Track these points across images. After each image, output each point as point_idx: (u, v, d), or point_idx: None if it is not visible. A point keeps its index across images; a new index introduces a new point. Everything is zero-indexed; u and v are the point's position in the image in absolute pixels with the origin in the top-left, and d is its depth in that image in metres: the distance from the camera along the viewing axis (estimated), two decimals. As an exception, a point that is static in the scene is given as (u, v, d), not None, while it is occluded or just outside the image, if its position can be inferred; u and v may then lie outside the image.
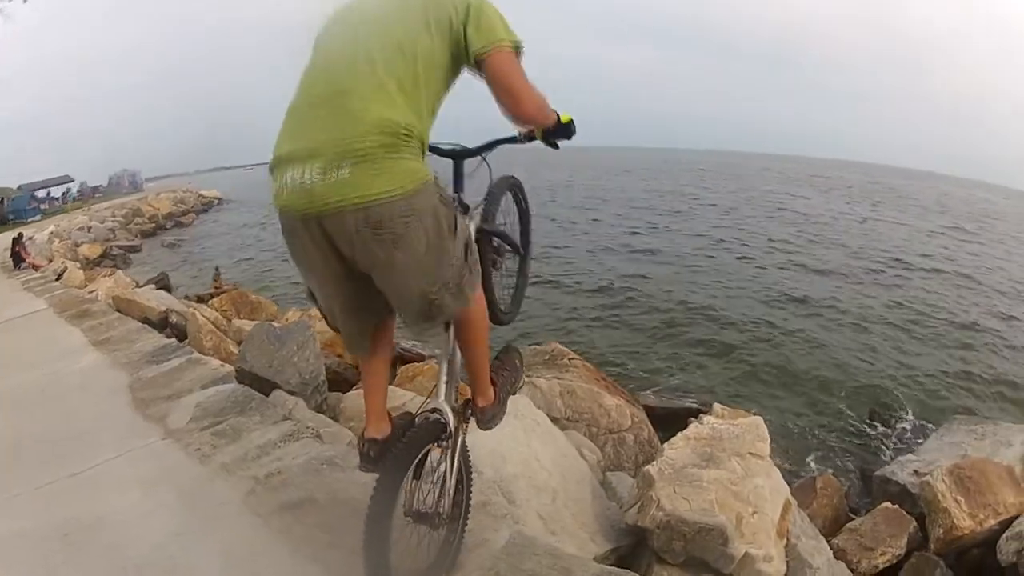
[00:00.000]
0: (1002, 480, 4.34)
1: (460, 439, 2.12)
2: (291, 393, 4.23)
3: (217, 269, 14.41)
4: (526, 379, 5.71)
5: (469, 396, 2.21)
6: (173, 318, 7.53)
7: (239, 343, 6.49)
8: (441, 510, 1.99)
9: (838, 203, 39.00)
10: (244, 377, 4.44)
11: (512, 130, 2.09)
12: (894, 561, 4.24)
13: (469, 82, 1.84)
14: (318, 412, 4.34)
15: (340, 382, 6.02)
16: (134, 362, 4.76)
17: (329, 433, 3.56)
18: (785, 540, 3.22)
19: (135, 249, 22.34)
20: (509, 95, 1.79)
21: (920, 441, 7.35)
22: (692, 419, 6.72)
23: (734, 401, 8.00)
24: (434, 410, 2.02)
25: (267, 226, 26.72)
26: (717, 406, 6.47)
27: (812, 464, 7.14)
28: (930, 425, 8.00)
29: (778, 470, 3.61)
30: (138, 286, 11.07)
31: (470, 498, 2.30)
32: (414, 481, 1.93)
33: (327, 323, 2.05)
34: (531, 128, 2.04)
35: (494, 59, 1.75)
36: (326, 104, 1.65)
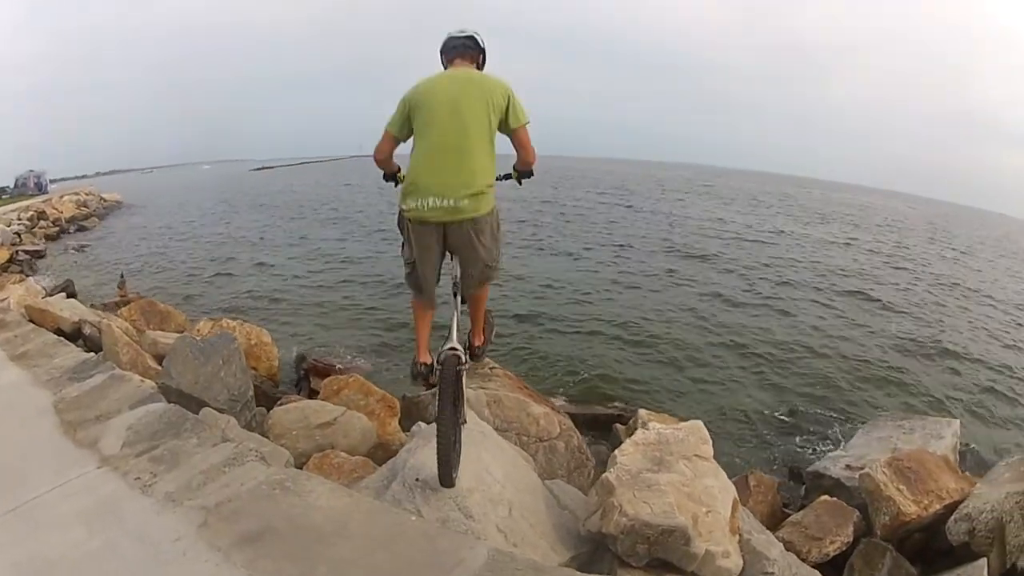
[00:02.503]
0: (940, 468, 4.54)
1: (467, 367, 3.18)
2: (220, 411, 4.01)
3: (122, 276, 13.66)
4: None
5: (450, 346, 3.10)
6: (87, 329, 7.07)
7: (155, 356, 6.15)
8: (462, 416, 3.14)
9: (733, 210, 40.05)
10: (170, 394, 4.19)
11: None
12: (843, 548, 4.34)
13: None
14: (250, 430, 4.12)
15: (259, 396, 5.71)
16: (56, 379, 4.40)
17: (267, 453, 3.36)
18: (738, 536, 3.28)
19: (40, 254, 20.86)
20: (528, 153, 3.19)
21: (844, 437, 7.62)
22: (617, 424, 6.68)
23: (653, 405, 8.02)
24: (452, 349, 3.02)
25: (171, 234, 25.94)
26: (643, 411, 6.44)
27: (739, 463, 7.14)
28: (851, 421, 8.30)
29: (723, 470, 3.66)
30: (48, 294, 10.38)
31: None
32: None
33: (412, 284, 3.23)
34: (519, 171, 3.34)
35: (522, 132, 3.09)
36: (452, 157, 2.90)
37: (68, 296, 10.95)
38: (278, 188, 53.83)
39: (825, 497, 4.94)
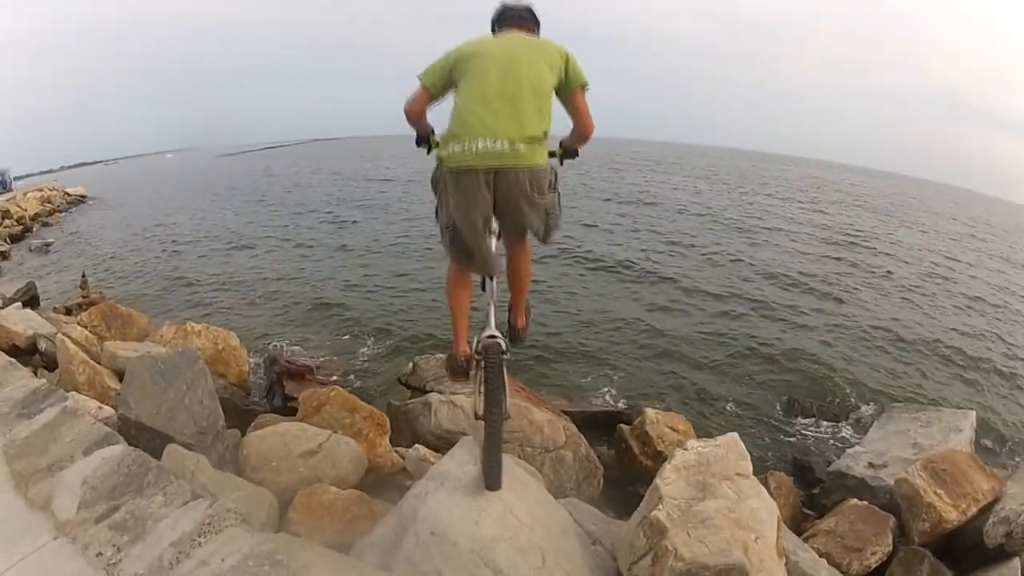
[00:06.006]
0: (972, 468, 4.49)
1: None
2: (187, 446, 3.47)
3: (84, 276, 13.00)
4: (443, 399, 5.52)
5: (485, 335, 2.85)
6: (42, 344, 6.43)
7: (115, 372, 5.56)
8: (505, 411, 2.81)
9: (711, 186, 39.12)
10: (129, 427, 3.65)
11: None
12: (884, 559, 4.19)
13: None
14: (223, 465, 3.61)
15: (230, 411, 5.05)
16: (4, 415, 3.59)
17: (244, 499, 2.83)
18: (784, 558, 2.94)
19: (4, 256, 19.89)
20: (585, 122, 2.92)
21: (855, 431, 7.46)
22: (621, 424, 6.20)
23: (648, 400, 7.63)
24: (491, 336, 2.81)
25: (135, 227, 24.88)
26: (650, 411, 6.01)
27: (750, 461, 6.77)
28: (856, 412, 8.08)
29: (763, 487, 3.27)
30: (5, 302, 9.63)
31: None
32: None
33: (459, 250, 2.89)
34: (566, 148, 3.09)
35: (580, 96, 2.84)
36: (505, 104, 2.57)
37: (30, 300, 10.40)
38: (247, 174, 52.23)
39: (855, 501, 4.74)
